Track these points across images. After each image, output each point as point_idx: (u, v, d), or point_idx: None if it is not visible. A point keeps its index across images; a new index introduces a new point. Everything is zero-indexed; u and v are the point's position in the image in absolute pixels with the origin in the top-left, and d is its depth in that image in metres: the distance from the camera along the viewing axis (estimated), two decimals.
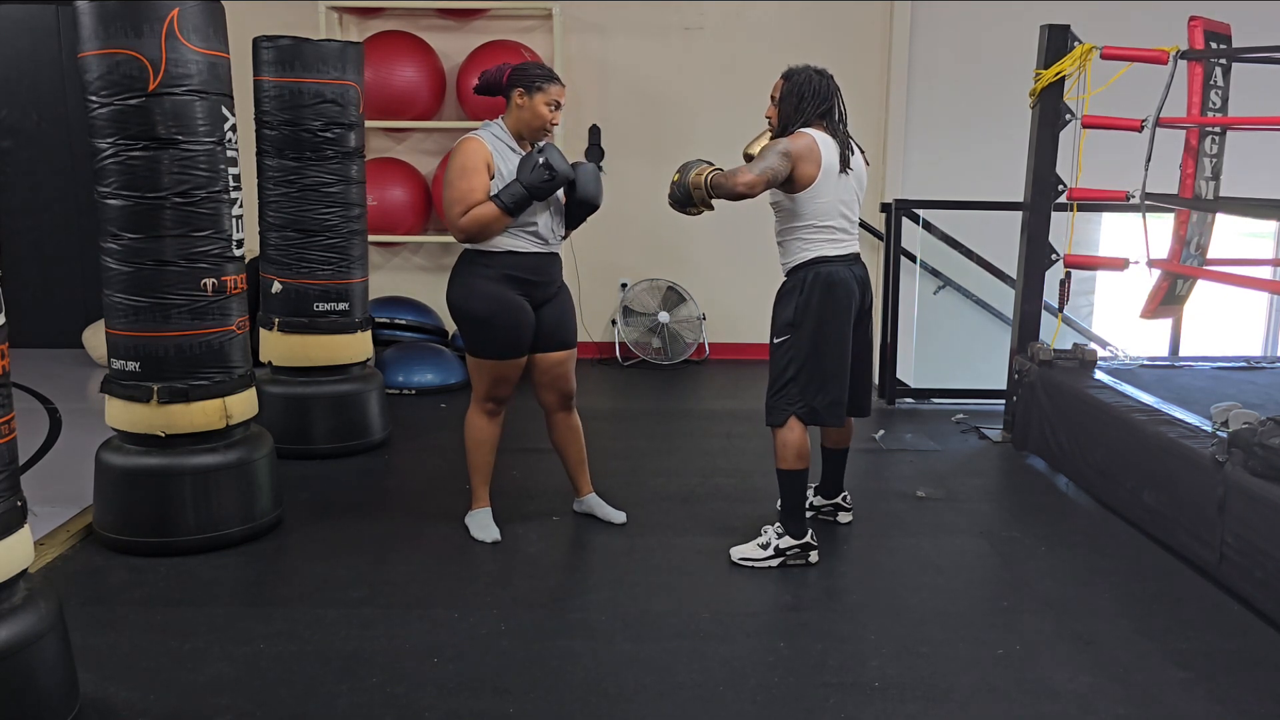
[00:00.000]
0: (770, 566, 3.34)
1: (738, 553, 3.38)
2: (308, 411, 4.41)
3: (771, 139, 3.34)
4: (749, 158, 3.34)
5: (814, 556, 3.38)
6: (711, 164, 3.21)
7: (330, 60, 4.24)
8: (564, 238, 3.53)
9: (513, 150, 3.34)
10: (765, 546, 3.36)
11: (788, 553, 3.35)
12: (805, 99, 3.26)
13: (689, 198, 3.21)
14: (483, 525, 3.58)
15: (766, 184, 3.16)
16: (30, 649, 2.26)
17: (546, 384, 3.56)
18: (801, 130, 3.24)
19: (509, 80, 3.32)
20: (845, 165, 3.27)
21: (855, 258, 3.36)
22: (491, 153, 3.29)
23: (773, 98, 3.35)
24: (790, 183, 3.22)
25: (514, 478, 4.15)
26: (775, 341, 3.34)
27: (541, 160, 3.21)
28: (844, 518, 3.76)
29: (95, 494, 3.45)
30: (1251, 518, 3.09)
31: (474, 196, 3.25)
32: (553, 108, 3.33)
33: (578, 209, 3.44)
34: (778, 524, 3.39)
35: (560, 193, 3.40)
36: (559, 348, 3.52)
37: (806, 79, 3.27)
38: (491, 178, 3.28)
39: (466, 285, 3.38)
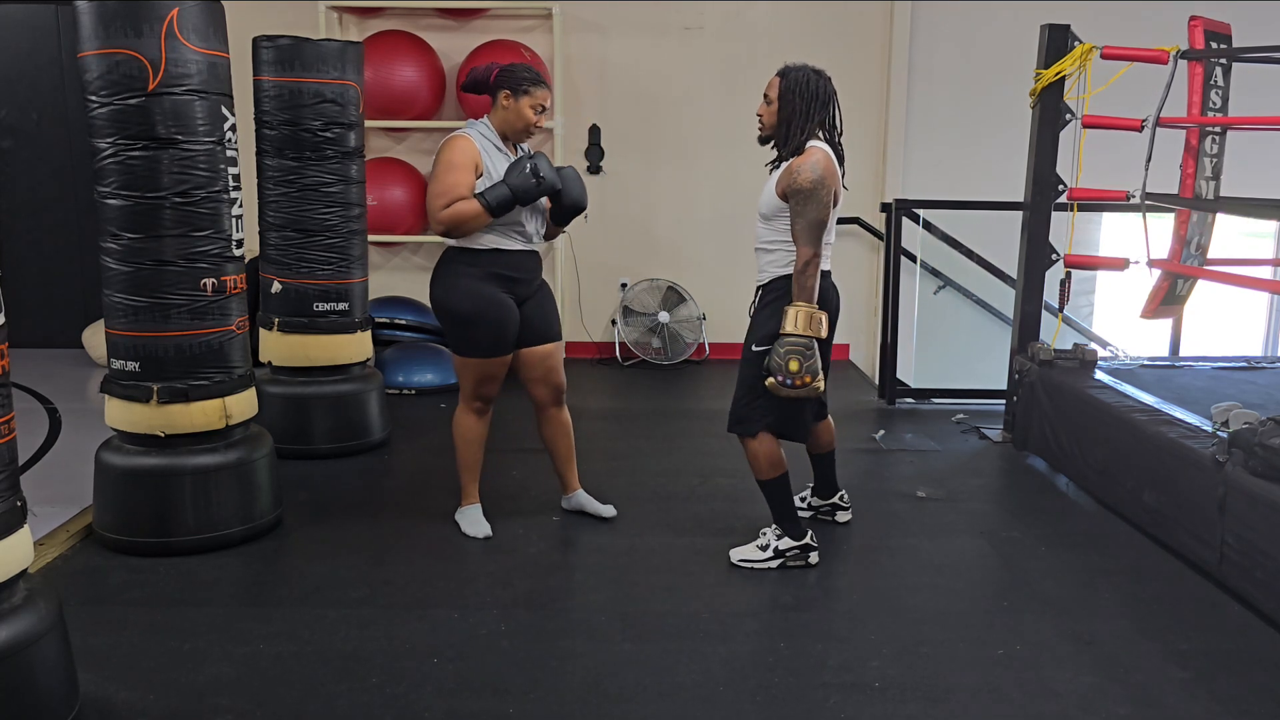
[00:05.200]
0: (770, 568, 3.34)
1: (737, 554, 3.37)
2: (307, 411, 4.41)
3: (767, 144, 3.28)
4: None
5: (814, 558, 3.37)
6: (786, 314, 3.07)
7: (330, 60, 4.24)
8: (548, 238, 3.60)
9: (499, 149, 3.36)
10: (765, 548, 3.35)
11: (787, 554, 3.34)
12: (809, 101, 3.14)
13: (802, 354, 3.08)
14: (473, 521, 3.58)
15: (820, 235, 3.10)
16: (30, 649, 2.26)
17: (538, 378, 3.57)
18: (811, 145, 3.14)
19: (496, 80, 3.35)
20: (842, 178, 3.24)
21: (828, 272, 3.28)
22: (480, 151, 3.32)
23: (767, 96, 3.22)
24: None
25: (514, 478, 4.15)
26: (755, 350, 3.26)
27: (530, 167, 3.25)
28: (842, 517, 3.75)
29: (95, 494, 3.45)
30: (1252, 518, 3.08)
31: (458, 191, 3.26)
32: (537, 111, 3.36)
33: (566, 212, 3.47)
34: (776, 526, 3.38)
35: (545, 197, 3.42)
36: (545, 340, 3.54)
37: (805, 79, 3.15)
38: (479, 176, 3.30)
39: (449, 283, 3.39)
